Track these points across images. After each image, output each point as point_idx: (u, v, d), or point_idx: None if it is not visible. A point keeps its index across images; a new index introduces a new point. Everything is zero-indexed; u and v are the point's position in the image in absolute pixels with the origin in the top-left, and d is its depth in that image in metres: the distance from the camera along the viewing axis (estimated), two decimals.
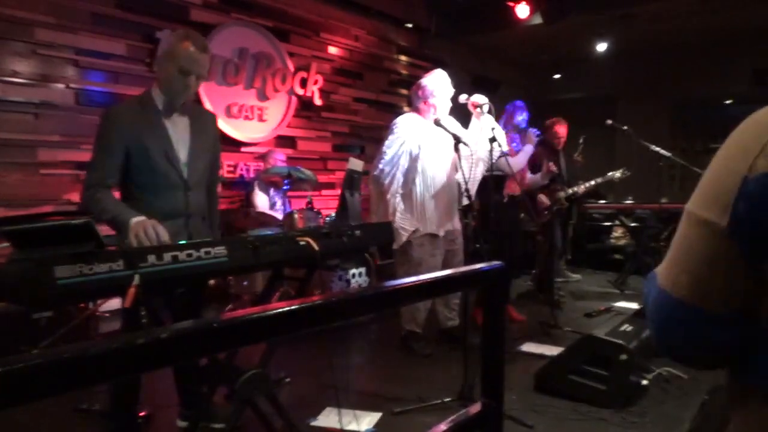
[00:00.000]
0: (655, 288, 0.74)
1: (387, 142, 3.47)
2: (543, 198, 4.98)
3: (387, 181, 3.44)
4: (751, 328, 0.67)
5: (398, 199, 3.46)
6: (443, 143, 3.48)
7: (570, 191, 5.08)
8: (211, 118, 2.49)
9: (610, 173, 5.19)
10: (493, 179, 3.71)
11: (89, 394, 2.70)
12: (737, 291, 0.66)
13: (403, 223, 3.44)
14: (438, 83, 3.50)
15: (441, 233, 3.54)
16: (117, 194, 2.21)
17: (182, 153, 2.25)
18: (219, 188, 2.76)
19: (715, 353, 0.73)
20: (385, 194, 3.46)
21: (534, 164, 4.93)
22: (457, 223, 3.65)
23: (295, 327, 1.03)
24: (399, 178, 3.45)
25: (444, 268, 3.52)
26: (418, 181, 3.48)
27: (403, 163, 3.44)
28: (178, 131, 2.25)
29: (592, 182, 5.18)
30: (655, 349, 0.77)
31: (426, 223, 3.49)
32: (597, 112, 7.28)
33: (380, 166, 3.46)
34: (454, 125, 3.52)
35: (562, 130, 5.26)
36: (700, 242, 0.68)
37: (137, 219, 1.96)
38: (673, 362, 0.81)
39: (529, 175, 4.89)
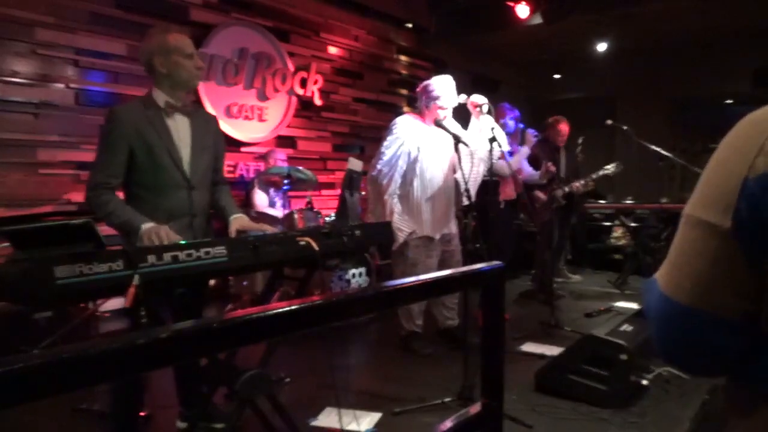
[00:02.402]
0: (656, 295, 0.73)
1: (385, 143, 3.46)
2: (539, 194, 4.99)
3: (385, 182, 3.44)
4: (754, 331, 0.66)
5: (396, 200, 3.46)
6: (442, 144, 3.48)
7: (566, 189, 5.07)
8: (212, 119, 2.50)
9: (604, 169, 5.17)
10: (488, 183, 3.72)
11: (89, 394, 2.70)
12: (742, 293, 0.65)
13: (401, 224, 3.44)
14: (445, 88, 3.45)
15: (437, 236, 3.54)
16: (120, 194, 2.22)
17: (184, 152, 2.25)
18: None
19: (720, 358, 0.71)
20: (382, 195, 3.46)
21: (534, 164, 4.95)
22: (453, 227, 3.65)
23: (295, 327, 1.03)
24: (397, 179, 3.45)
25: (441, 269, 3.52)
26: (416, 183, 3.47)
27: (401, 164, 3.44)
28: (180, 130, 2.26)
29: (588, 179, 5.17)
30: (660, 356, 0.75)
31: (422, 225, 3.49)
32: (597, 112, 7.30)
33: (378, 166, 3.45)
34: (453, 125, 3.52)
35: (565, 128, 5.25)
36: (702, 244, 0.67)
37: (148, 225, 1.99)
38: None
39: (526, 170, 4.90)
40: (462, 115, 3.61)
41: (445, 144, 3.46)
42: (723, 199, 0.65)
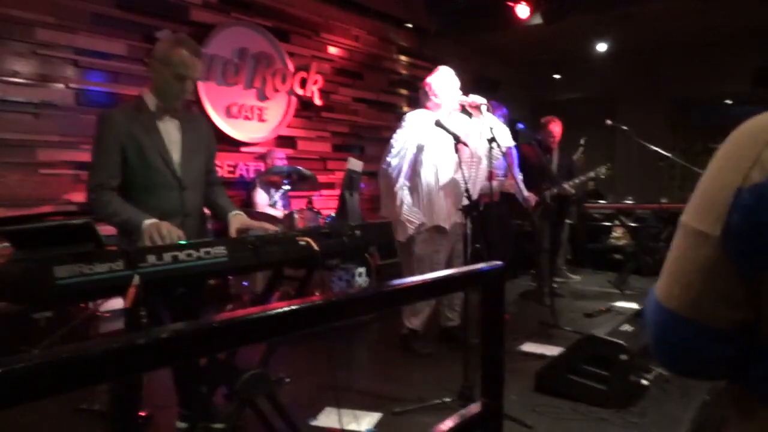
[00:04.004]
0: (652, 300, 0.74)
1: (395, 136, 3.52)
2: (530, 195, 4.98)
3: (394, 175, 3.47)
4: (748, 341, 0.66)
5: (406, 191, 3.48)
6: (451, 138, 3.49)
7: (554, 190, 5.05)
8: (204, 120, 2.56)
9: (592, 171, 5.17)
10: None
11: (89, 394, 2.70)
12: (732, 302, 0.65)
13: (411, 215, 3.45)
14: (443, 80, 3.55)
15: (448, 226, 3.54)
16: None
17: (175, 153, 2.28)
18: None
19: (710, 365, 0.72)
20: (392, 187, 3.48)
21: (526, 170, 4.92)
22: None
23: (295, 327, 1.03)
24: (406, 170, 3.47)
25: (450, 266, 3.53)
26: (425, 174, 3.49)
27: (410, 156, 3.47)
28: (170, 132, 2.29)
29: (576, 180, 5.14)
30: (656, 360, 0.76)
31: (433, 215, 3.50)
32: (597, 112, 7.28)
33: (387, 159, 3.48)
34: (458, 124, 3.52)
35: (556, 128, 5.27)
36: (692, 252, 0.67)
37: (149, 222, 2.00)
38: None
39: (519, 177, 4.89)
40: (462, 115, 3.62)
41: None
42: (716, 208, 0.65)
